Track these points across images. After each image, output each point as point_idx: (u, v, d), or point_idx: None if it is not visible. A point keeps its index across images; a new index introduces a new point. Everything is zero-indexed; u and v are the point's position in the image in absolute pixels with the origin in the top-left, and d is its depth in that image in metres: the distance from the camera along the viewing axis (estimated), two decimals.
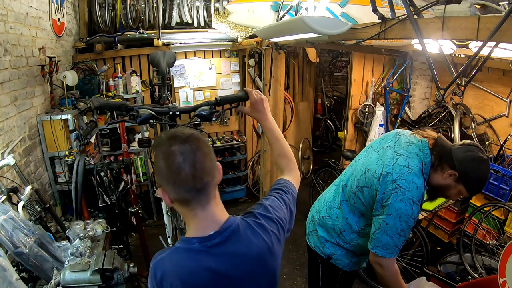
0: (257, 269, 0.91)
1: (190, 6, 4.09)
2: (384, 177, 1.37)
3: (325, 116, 6.09)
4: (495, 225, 2.70)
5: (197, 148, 0.81)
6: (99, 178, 2.37)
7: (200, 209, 0.85)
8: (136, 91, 3.71)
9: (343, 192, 1.61)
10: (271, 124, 1.27)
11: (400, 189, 1.33)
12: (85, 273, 1.60)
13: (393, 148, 1.45)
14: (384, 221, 1.36)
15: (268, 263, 0.93)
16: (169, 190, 0.83)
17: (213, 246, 0.85)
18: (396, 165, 1.37)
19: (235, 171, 4.47)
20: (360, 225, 1.56)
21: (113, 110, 1.54)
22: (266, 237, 0.92)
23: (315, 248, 1.72)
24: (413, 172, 1.35)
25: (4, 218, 1.55)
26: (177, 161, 0.78)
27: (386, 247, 1.38)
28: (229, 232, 0.87)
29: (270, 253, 0.92)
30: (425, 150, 1.41)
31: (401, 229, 1.34)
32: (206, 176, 0.82)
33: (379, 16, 1.60)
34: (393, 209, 1.33)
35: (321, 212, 1.71)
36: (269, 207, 0.99)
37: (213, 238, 0.85)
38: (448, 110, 3.56)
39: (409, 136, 1.50)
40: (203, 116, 1.42)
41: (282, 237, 0.99)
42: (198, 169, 0.80)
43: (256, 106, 1.27)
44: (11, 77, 2.24)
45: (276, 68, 3.44)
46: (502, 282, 1.56)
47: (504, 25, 1.00)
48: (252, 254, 0.88)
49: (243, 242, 0.88)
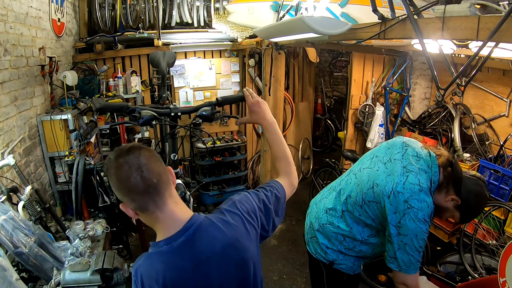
0: (223, 263, 0.93)
1: (190, 6, 4.09)
2: (395, 196, 1.35)
3: (325, 116, 6.09)
4: (495, 225, 2.70)
5: (139, 154, 0.86)
6: (99, 178, 2.36)
7: (158, 211, 0.88)
8: (136, 91, 3.71)
9: (346, 202, 1.57)
10: (270, 125, 1.25)
11: (413, 209, 1.31)
12: (85, 273, 1.60)
13: (401, 162, 1.42)
14: (402, 242, 1.36)
15: (234, 256, 0.94)
16: (127, 201, 0.87)
17: (179, 246, 0.89)
18: (407, 183, 1.35)
19: (235, 171, 4.47)
20: (364, 236, 1.54)
21: (115, 111, 1.54)
22: (229, 232, 0.94)
23: (316, 255, 1.69)
24: (423, 190, 1.33)
25: (4, 218, 1.54)
26: (125, 171, 0.84)
27: (410, 265, 1.38)
28: (193, 231, 0.90)
29: (236, 247, 0.94)
30: (434, 168, 1.38)
31: (419, 246, 1.35)
32: (155, 176, 0.86)
33: (379, 16, 1.60)
34: (409, 230, 1.33)
35: (321, 220, 1.67)
36: (237, 202, 1.03)
37: (178, 237, 0.89)
38: (448, 110, 3.56)
39: (417, 148, 1.47)
40: (204, 117, 1.42)
41: (250, 228, 0.99)
42: (145, 171, 0.84)
43: (253, 108, 1.26)
44: (11, 77, 2.24)
45: (276, 68, 3.44)
46: (502, 282, 1.56)
47: (504, 25, 1.00)
48: (216, 250, 0.92)
49: (207, 238, 0.91)
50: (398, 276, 1.42)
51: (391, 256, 1.41)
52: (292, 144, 4.91)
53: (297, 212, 4.21)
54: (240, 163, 4.67)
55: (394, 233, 1.37)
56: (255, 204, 1.04)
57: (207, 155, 4.26)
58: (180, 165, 2.53)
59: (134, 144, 0.92)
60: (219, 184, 4.38)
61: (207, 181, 4.26)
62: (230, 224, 0.96)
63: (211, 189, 4.29)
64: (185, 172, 4.45)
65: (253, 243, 1.00)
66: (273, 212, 1.08)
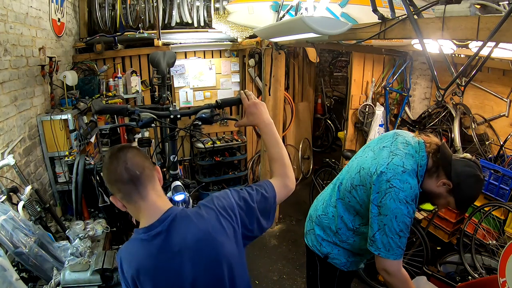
0: (196, 257, 0.96)
1: (190, 6, 4.09)
2: (378, 176, 1.37)
3: (325, 116, 6.09)
4: (495, 225, 2.70)
5: (127, 151, 0.98)
6: (99, 178, 2.36)
7: (141, 200, 0.96)
8: (136, 91, 3.71)
9: (338, 190, 1.62)
10: (266, 126, 1.24)
11: (394, 188, 1.32)
12: (85, 273, 1.60)
13: (389, 148, 1.45)
14: (382, 222, 1.36)
15: (206, 251, 0.96)
16: (114, 191, 0.97)
17: (155, 235, 0.95)
18: (391, 164, 1.37)
19: (235, 171, 4.47)
20: (355, 224, 1.57)
21: (114, 113, 1.54)
22: (201, 225, 0.97)
23: (312, 247, 1.72)
24: (407, 172, 1.35)
25: (4, 218, 1.55)
26: (113, 164, 0.96)
27: (388, 248, 1.36)
28: (169, 221, 0.96)
29: (208, 241, 0.96)
30: (422, 152, 1.40)
31: (399, 229, 1.34)
32: (138, 168, 0.96)
33: (379, 16, 1.60)
34: (389, 210, 1.33)
35: (318, 211, 1.72)
36: (214, 198, 1.06)
37: (155, 227, 0.95)
38: (448, 110, 3.56)
39: (408, 136, 1.50)
40: (204, 119, 1.43)
41: (226, 224, 1.00)
42: (129, 163, 0.95)
43: (250, 109, 1.26)
44: (11, 77, 2.24)
45: (276, 68, 3.44)
46: (502, 282, 1.56)
47: (504, 25, 1.00)
48: (188, 242, 0.95)
49: (181, 231, 0.96)
50: (378, 261, 1.42)
51: (370, 238, 1.41)
52: (292, 144, 4.91)
53: (297, 212, 4.21)
54: (240, 163, 4.67)
55: (375, 212, 1.37)
56: (233, 201, 1.05)
57: (207, 155, 4.26)
58: (180, 165, 2.54)
59: (126, 144, 1.03)
60: (219, 184, 4.38)
61: (207, 181, 4.26)
62: (203, 217, 0.99)
63: (211, 189, 4.29)
64: (185, 172, 4.44)
65: (230, 240, 1.00)
66: (257, 211, 1.07)
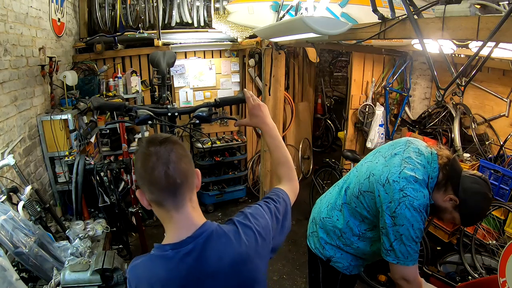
0: (231, 278, 0.87)
1: (190, 6, 4.09)
2: (390, 185, 1.34)
3: (325, 116, 6.09)
4: (495, 225, 2.69)
5: (171, 149, 0.83)
6: (99, 178, 2.37)
7: (175, 211, 0.84)
8: (136, 91, 3.71)
9: (345, 194, 1.59)
10: (271, 130, 1.21)
11: (409, 197, 1.30)
12: (85, 273, 1.60)
13: (401, 156, 1.42)
14: (398, 232, 1.33)
15: (243, 272, 0.89)
16: (145, 190, 0.84)
17: (187, 254, 0.83)
18: (403, 173, 1.34)
19: (235, 171, 4.47)
20: (361, 229, 1.54)
21: (112, 110, 1.56)
22: (242, 247, 0.88)
23: (315, 250, 1.70)
24: (419, 182, 1.33)
25: (4, 218, 1.55)
26: (151, 161, 0.81)
27: (407, 256, 1.34)
28: (203, 239, 0.85)
29: (245, 262, 0.89)
30: (434, 164, 1.37)
31: (416, 236, 1.32)
32: (180, 177, 0.82)
33: (379, 16, 1.60)
34: (405, 219, 1.30)
35: (322, 214, 1.69)
36: (249, 215, 0.96)
37: (186, 243, 0.84)
38: (448, 110, 3.56)
39: (420, 146, 1.47)
40: (201, 118, 1.42)
41: (262, 246, 0.94)
42: (171, 169, 0.81)
43: (254, 111, 1.22)
44: (11, 77, 2.24)
45: (276, 68, 3.44)
46: (502, 282, 1.56)
47: (504, 25, 1.00)
48: (225, 264, 0.86)
49: (217, 250, 0.86)
50: (396, 270, 1.39)
51: (387, 248, 1.38)
52: (292, 144, 4.91)
53: (297, 212, 4.21)
54: (240, 163, 4.67)
55: (389, 223, 1.35)
56: (268, 219, 0.98)
57: (207, 155, 4.26)
58: None
59: (171, 136, 0.88)
60: (219, 184, 4.38)
61: (207, 181, 4.26)
62: (242, 238, 0.89)
63: (211, 189, 4.29)
64: None
65: (264, 261, 0.95)
66: (281, 224, 1.03)
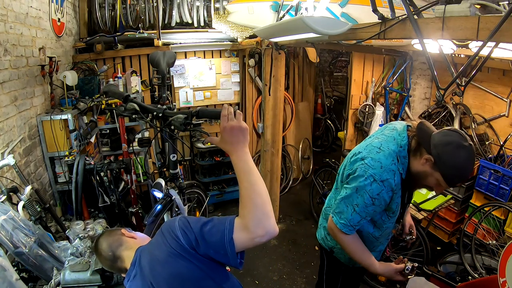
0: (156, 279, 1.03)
1: (190, 6, 4.09)
2: (356, 155, 1.46)
3: (325, 116, 6.09)
4: (495, 225, 2.70)
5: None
6: (99, 178, 2.37)
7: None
8: (136, 91, 3.70)
9: (339, 182, 1.66)
10: (241, 162, 0.98)
11: (365, 165, 1.39)
12: (85, 273, 1.60)
13: (375, 134, 1.53)
14: (344, 190, 1.46)
15: (162, 272, 1.02)
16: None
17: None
18: (369, 146, 1.45)
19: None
20: None
21: (116, 96, 1.73)
22: (156, 250, 1.07)
23: (320, 241, 1.79)
24: (383, 152, 1.39)
25: (4, 218, 1.55)
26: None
27: (341, 215, 1.45)
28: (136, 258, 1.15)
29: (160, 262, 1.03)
30: (403, 134, 1.44)
31: (356, 202, 1.40)
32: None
33: (379, 16, 1.60)
34: (353, 181, 1.41)
35: (326, 204, 1.79)
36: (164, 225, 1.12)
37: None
38: (448, 110, 3.56)
39: (397, 124, 1.54)
40: (175, 126, 1.44)
41: (173, 243, 1.01)
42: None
43: (224, 134, 0.99)
44: (11, 77, 2.24)
45: (276, 68, 3.44)
46: (502, 282, 1.57)
47: (504, 25, 1.00)
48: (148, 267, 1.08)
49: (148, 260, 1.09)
50: (329, 220, 1.53)
51: (333, 202, 1.54)
52: (292, 144, 4.91)
53: (297, 212, 4.21)
54: None
55: (344, 182, 1.51)
56: (176, 224, 1.04)
57: (207, 155, 4.26)
58: (180, 165, 2.54)
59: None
60: (219, 184, 4.38)
61: (207, 181, 4.26)
62: (157, 242, 1.08)
63: (211, 189, 4.29)
64: (185, 172, 4.44)
65: (182, 258, 0.99)
66: (198, 233, 0.98)
